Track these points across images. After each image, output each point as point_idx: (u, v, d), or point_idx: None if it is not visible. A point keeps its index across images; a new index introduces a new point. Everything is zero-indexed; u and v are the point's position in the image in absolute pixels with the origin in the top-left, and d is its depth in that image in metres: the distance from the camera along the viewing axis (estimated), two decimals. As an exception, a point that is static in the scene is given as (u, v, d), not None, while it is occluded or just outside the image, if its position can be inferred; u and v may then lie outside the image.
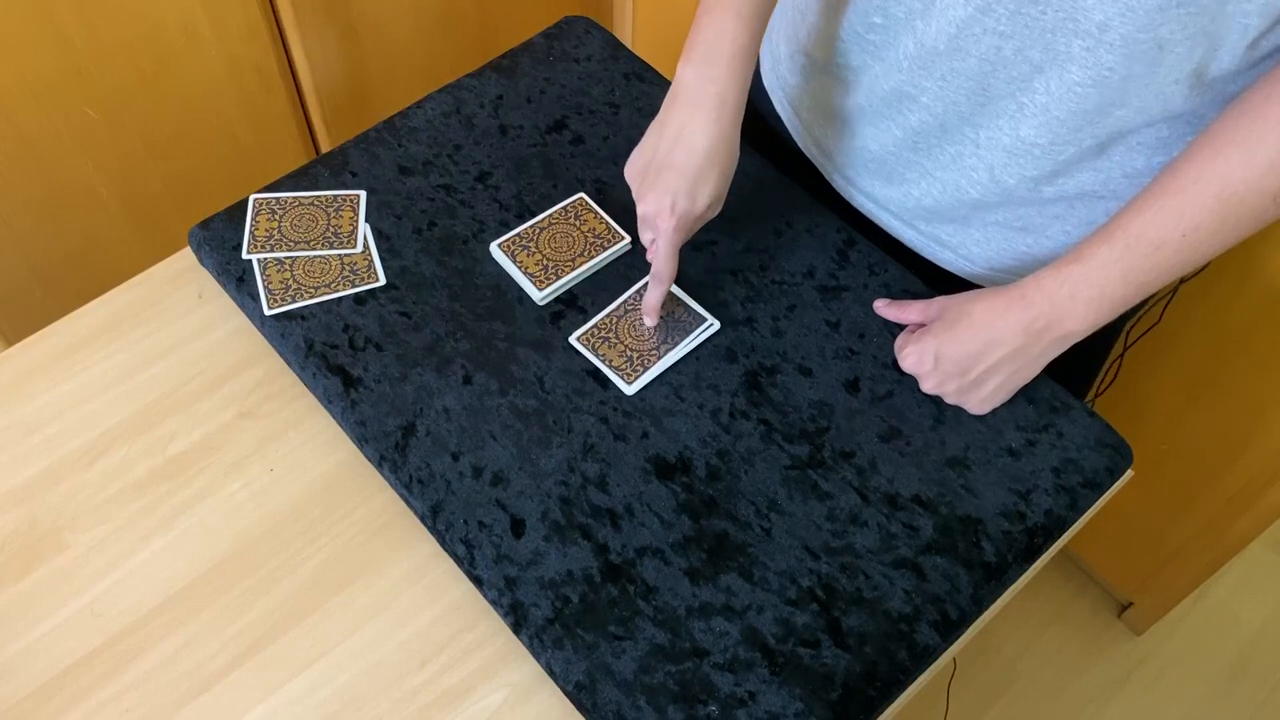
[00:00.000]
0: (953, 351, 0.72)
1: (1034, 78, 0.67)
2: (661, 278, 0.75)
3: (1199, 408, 1.21)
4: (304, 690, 0.67)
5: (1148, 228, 0.65)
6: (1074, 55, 0.64)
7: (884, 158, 0.81)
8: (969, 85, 0.70)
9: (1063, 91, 0.67)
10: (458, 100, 0.92)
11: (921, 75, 0.72)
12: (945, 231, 0.82)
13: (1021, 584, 0.72)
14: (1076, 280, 0.68)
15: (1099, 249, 0.67)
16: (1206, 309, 1.13)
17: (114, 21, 1.12)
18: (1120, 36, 0.62)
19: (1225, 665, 1.50)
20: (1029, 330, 0.69)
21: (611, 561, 0.68)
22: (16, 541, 0.72)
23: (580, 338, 0.78)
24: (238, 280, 0.81)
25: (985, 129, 0.72)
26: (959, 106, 0.72)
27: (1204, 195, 0.63)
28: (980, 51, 0.67)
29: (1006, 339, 0.70)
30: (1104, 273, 0.67)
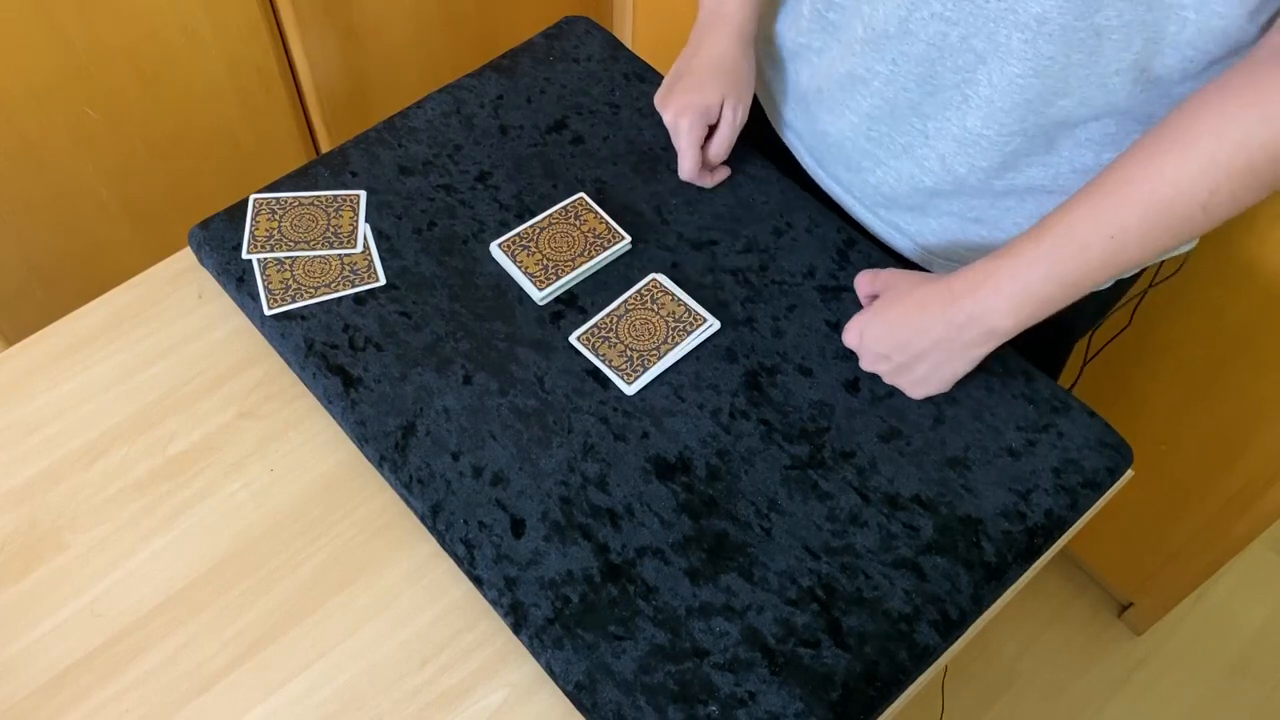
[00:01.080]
0: (879, 334, 0.73)
1: (977, 68, 0.68)
2: (688, 172, 0.85)
3: (1199, 408, 1.21)
4: (304, 690, 0.67)
5: (1075, 227, 0.65)
6: (1014, 48, 0.66)
7: (843, 143, 0.82)
8: (918, 71, 0.71)
9: (1004, 83, 0.68)
10: (458, 100, 0.92)
11: (873, 58, 0.73)
12: (904, 219, 0.83)
13: (1021, 584, 0.72)
14: (1001, 275, 0.67)
15: (1026, 246, 0.67)
16: (1206, 309, 1.13)
17: (114, 22, 1.12)
18: (1059, 27, 0.63)
19: (1225, 665, 1.50)
20: (951, 322, 0.69)
21: (611, 561, 0.68)
22: (16, 541, 0.72)
23: (580, 338, 0.78)
24: (238, 280, 0.81)
25: (934, 119, 0.74)
26: (909, 94, 0.73)
27: (1133, 198, 0.63)
28: (928, 36, 0.69)
29: (930, 329, 0.71)
30: (1029, 270, 0.66)
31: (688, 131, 0.82)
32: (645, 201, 0.86)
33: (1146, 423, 1.27)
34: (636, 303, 0.80)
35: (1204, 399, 1.20)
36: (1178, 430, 1.25)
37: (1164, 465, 1.29)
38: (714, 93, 0.81)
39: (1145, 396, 1.25)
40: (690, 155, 0.83)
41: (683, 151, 0.84)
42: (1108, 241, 0.64)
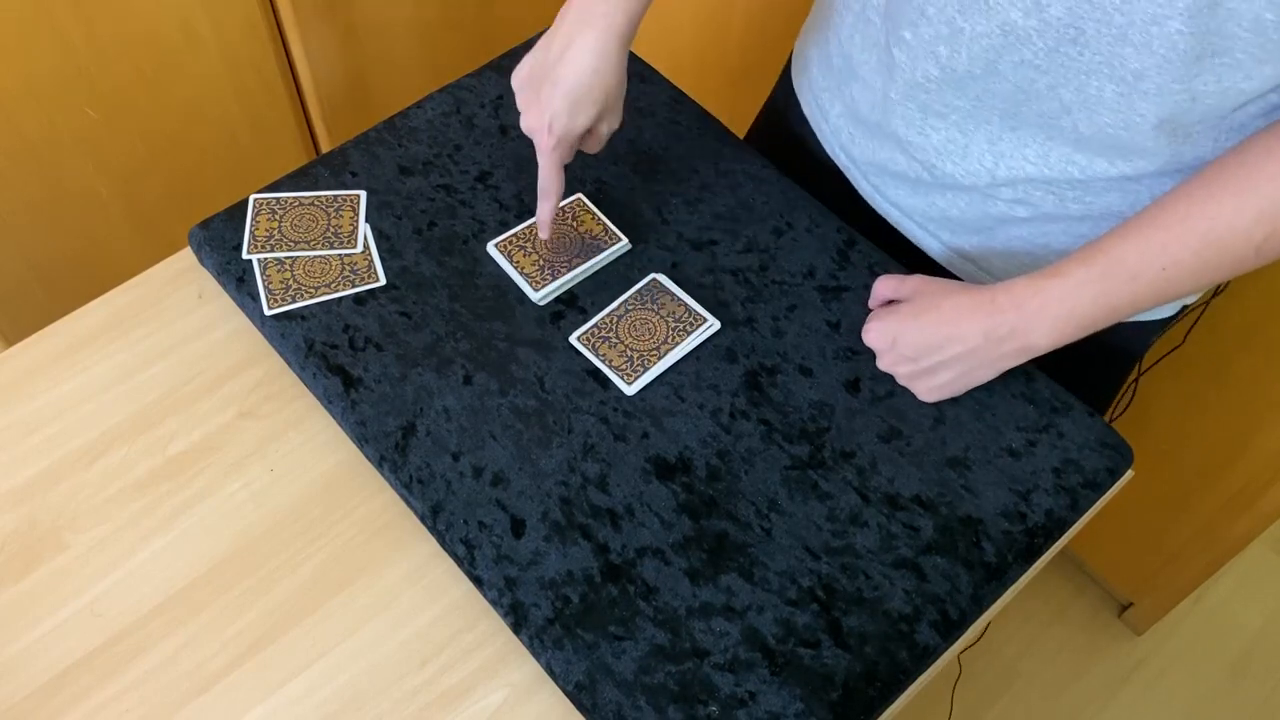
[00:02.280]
0: (912, 338, 0.72)
1: (1062, 116, 0.67)
2: (548, 193, 0.76)
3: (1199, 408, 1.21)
4: (304, 690, 0.67)
5: (1129, 256, 0.65)
6: (1105, 100, 0.65)
7: (906, 172, 0.80)
8: (1001, 107, 0.70)
9: (1093, 132, 0.67)
10: (458, 100, 0.92)
11: (952, 94, 0.71)
12: (969, 243, 0.82)
13: (1022, 584, 0.72)
14: (1049, 295, 0.67)
15: (1077, 269, 0.66)
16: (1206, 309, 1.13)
17: (114, 22, 1.12)
18: (1155, 86, 0.62)
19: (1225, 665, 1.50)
20: (990, 335, 0.69)
21: (611, 561, 0.68)
22: (16, 541, 0.72)
23: (580, 338, 0.78)
24: (238, 280, 0.81)
25: (1008, 158, 0.73)
26: (990, 126, 0.72)
27: (1190, 235, 0.63)
28: (1016, 79, 0.67)
29: (966, 338, 0.70)
30: (1078, 292, 0.66)
31: (557, 154, 0.74)
32: (645, 201, 0.86)
33: (1147, 423, 1.27)
34: (636, 303, 0.80)
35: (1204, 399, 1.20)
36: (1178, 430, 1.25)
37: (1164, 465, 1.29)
38: (584, 116, 0.72)
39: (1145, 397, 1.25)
40: (556, 180, 0.75)
41: (548, 175, 0.75)
42: (1159, 273, 0.64)
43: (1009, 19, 0.64)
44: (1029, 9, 0.63)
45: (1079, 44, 0.63)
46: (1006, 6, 0.64)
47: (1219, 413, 1.19)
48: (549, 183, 0.76)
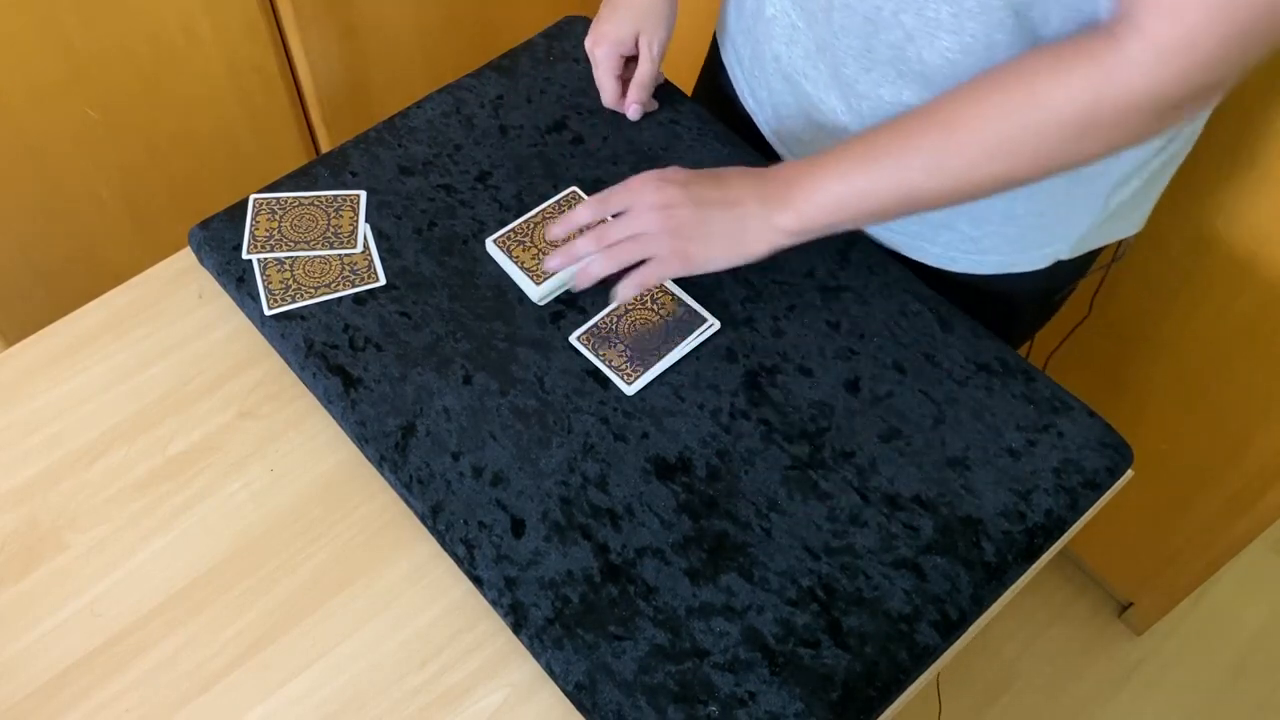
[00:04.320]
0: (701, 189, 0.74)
1: (908, 45, 0.70)
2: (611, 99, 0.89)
3: (1199, 408, 1.21)
4: (304, 690, 0.67)
5: (881, 139, 0.69)
6: (942, 21, 0.67)
7: (797, 115, 0.84)
8: (857, 45, 0.73)
9: (935, 58, 0.69)
10: (458, 100, 0.92)
11: (825, 29, 0.75)
12: None
13: (1021, 584, 0.72)
14: (809, 167, 0.71)
15: (840, 147, 0.70)
16: (1207, 309, 1.13)
17: (114, 22, 1.12)
18: (978, 4, 0.65)
19: (1225, 665, 1.50)
20: (762, 199, 0.72)
21: (611, 561, 0.68)
22: (16, 541, 0.72)
23: (580, 338, 0.78)
24: (238, 280, 0.81)
25: (868, 99, 0.75)
26: (848, 68, 0.75)
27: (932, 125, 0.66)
28: (864, 9, 0.70)
29: (741, 199, 0.73)
30: (831, 166, 0.70)
31: (602, 60, 0.88)
32: (645, 201, 0.86)
33: (1146, 423, 1.27)
34: (636, 303, 0.80)
35: (1204, 399, 1.20)
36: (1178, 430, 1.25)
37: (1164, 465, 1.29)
38: (627, 25, 0.86)
39: (1145, 396, 1.25)
40: (607, 84, 0.89)
41: (600, 81, 0.89)
42: (898, 161, 0.68)
43: None
44: None
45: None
46: None
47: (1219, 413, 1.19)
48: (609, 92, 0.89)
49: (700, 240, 0.73)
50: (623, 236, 0.74)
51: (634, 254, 0.74)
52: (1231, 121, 0.97)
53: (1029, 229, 0.80)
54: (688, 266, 0.73)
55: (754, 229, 0.72)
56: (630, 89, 0.88)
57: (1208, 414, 1.21)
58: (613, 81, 0.88)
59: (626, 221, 0.74)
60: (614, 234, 0.74)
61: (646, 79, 0.88)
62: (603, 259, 0.74)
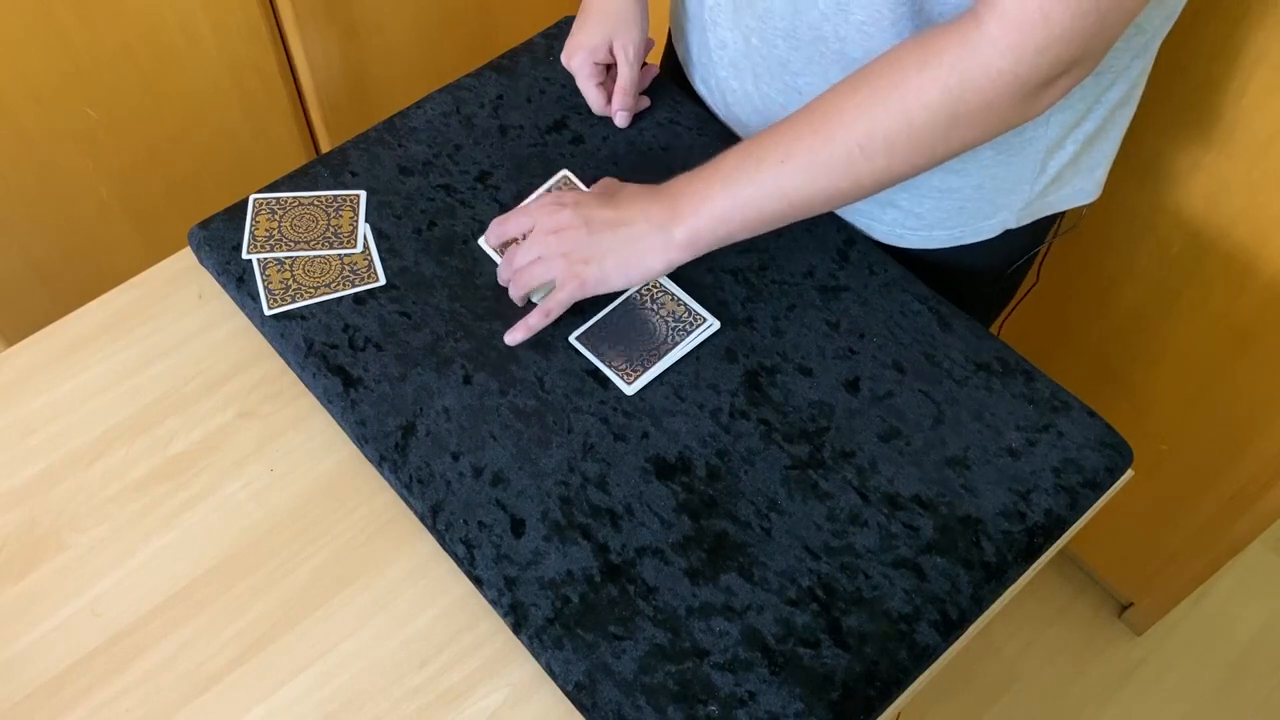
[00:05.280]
0: (591, 210, 0.74)
1: (823, 24, 0.71)
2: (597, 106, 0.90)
3: (1199, 408, 1.21)
4: (304, 690, 0.67)
5: (759, 144, 0.69)
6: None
7: (742, 100, 0.85)
8: (783, 26, 0.74)
9: (852, 32, 0.70)
10: (458, 100, 0.92)
11: (749, 14, 0.76)
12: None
13: (1021, 584, 0.72)
14: (694, 182, 0.71)
15: (724, 156, 0.70)
16: (1207, 309, 1.13)
17: (114, 22, 1.12)
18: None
19: (1225, 665, 1.50)
20: (650, 218, 0.72)
21: (611, 561, 0.68)
22: (16, 541, 0.72)
23: (580, 337, 0.78)
24: (238, 280, 0.81)
25: (803, 76, 0.76)
26: (777, 50, 0.76)
27: (805, 125, 0.67)
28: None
29: (632, 219, 0.73)
30: (711, 176, 0.70)
31: (578, 70, 0.89)
32: (645, 201, 0.86)
33: (1146, 423, 1.27)
34: (636, 303, 0.80)
35: (1204, 399, 1.20)
36: (1178, 430, 1.25)
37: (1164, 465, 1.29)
38: (598, 33, 0.87)
39: (1145, 396, 1.25)
40: (590, 93, 0.89)
41: (583, 90, 0.90)
42: (777, 165, 0.67)
43: None
44: None
45: None
46: None
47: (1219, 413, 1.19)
48: (593, 100, 0.89)
49: (594, 261, 0.74)
50: (525, 261, 0.76)
51: (538, 277, 0.76)
52: (1232, 121, 0.97)
53: (969, 200, 0.81)
54: (583, 289, 0.75)
55: (646, 246, 0.73)
56: (613, 96, 0.89)
57: (1208, 414, 1.21)
58: (594, 90, 0.89)
59: (526, 246, 0.76)
60: (518, 259, 0.76)
61: (627, 84, 0.88)
62: (514, 286, 0.77)
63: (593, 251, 0.74)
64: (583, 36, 0.88)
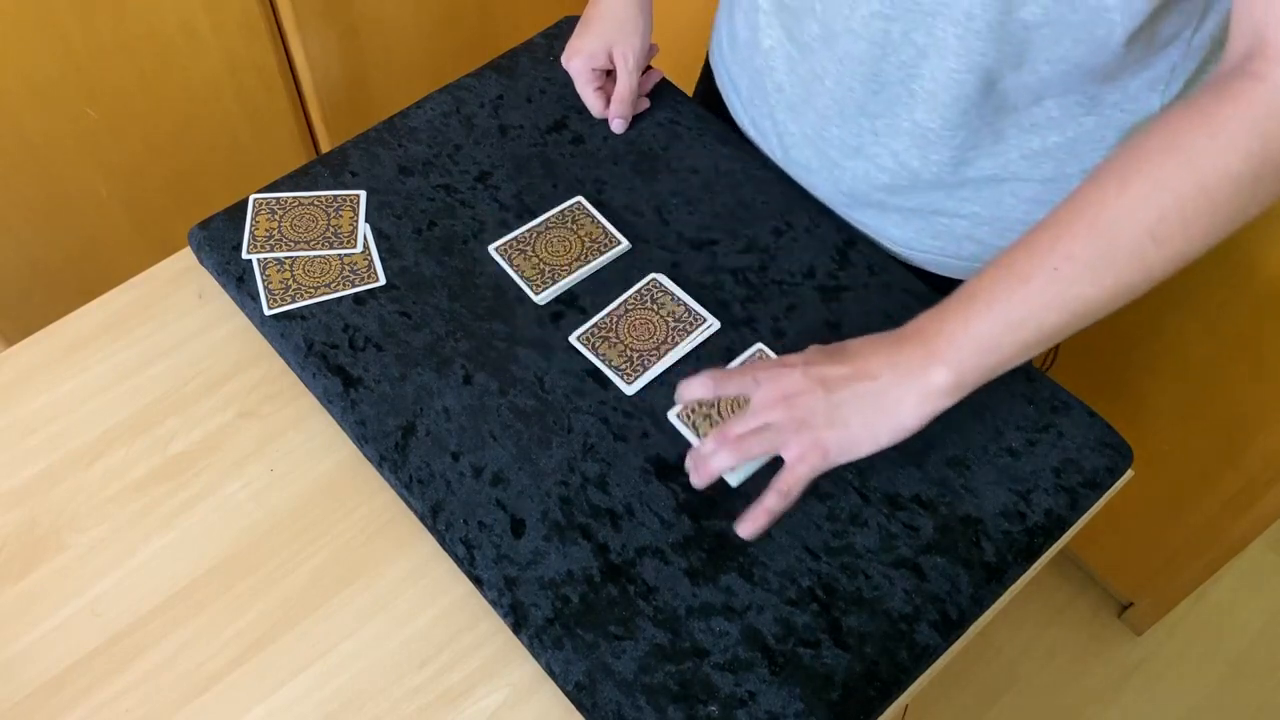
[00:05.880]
0: (822, 367, 0.66)
1: (920, 64, 0.70)
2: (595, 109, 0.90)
3: (1199, 408, 1.21)
4: (304, 690, 0.67)
5: (1018, 259, 0.62)
6: (949, 43, 0.67)
7: (803, 144, 0.84)
8: (862, 70, 0.72)
9: (945, 78, 0.69)
10: (458, 100, 0.92)
11: (826, 55, 0.74)
12: (867, 216, 0.84)
13: (1021, 584, 0.72)
14: (947, 317, 0.63)
15: (970, 283, 0.63)
16: (1206, 310, 1.13)
17: (114, 21, 1.12)
18: (985, 24, 0.64)
19: (1225, 665, 1.50)
20: (896, 367, 0.64)
21: (611, 561, 0.68)
22: (16, 541, 0.72)
23: (580, 337, 0.78)
24: (238, 280, 0.81)
25: (882, 117, 0.75)
26: (854, 94, 0.74)
27: (1075, 226, 0.60)
28: (869, 34, 0.70)
29: (872, 372, 0.65)
30: (969, 307, 0.63)
31: (577, 75, 0.89)
32: (645, 201, 0.86)
33: (1146, 423, 1.27)
34: (636, 303, 0.80)
35: (1204, 399, 1.20)
36: (1178, 430, 1.25)
37: (1164, 465, 1.29)
38: (598, 40, 0.87)
39: (1145, 396, 1.25)
40: (589, 98, 0.90)
41: (582, 95, 0.90)
42: (1051, 274, 0.60)
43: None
44: None
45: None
46: None
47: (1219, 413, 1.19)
48: (592, 104, 0.90)
49: (837, 426, 0.65)
50: (746, 431, 0.66)
51: (762, 448, 0.66)
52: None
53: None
54: (826, 459, 0.65)
55: (897, 398, 0.64)
56: (611, 104, 0.89)
57: (1208, 414, 1.21)
58: (593, 95, 0.89)
59: (749, 416, 0.66)
60: (737, 429, 0.66)
61: (625, 93, 0.88)
62: (727, 453, 0.67)
63: (834, 415, 0.65)
64: (582, 41, 0.88)
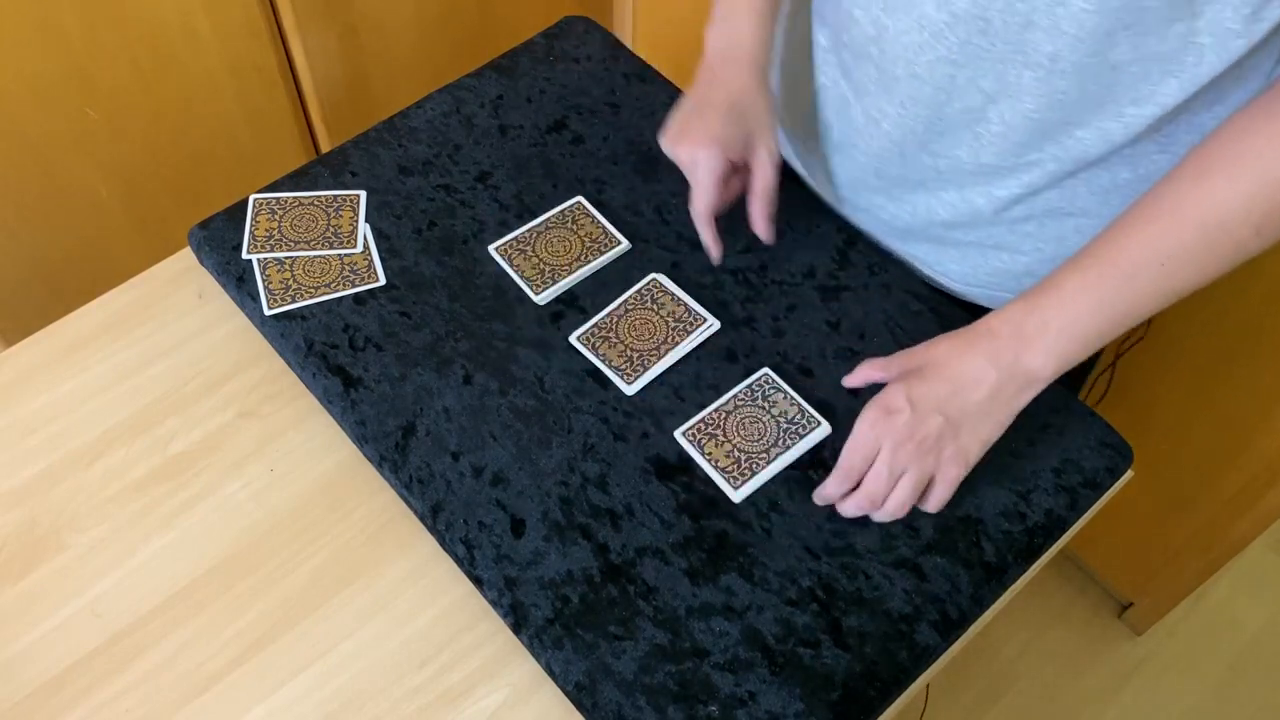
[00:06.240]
0: (925, 392, 0.66)
1: (988, 107, 0.67)
2: (707, 215, 0.76)
3: (1199, 408, 1.21)
4: (304, 690, 0.67)
5: (1123, 254, 0.62)
6: (1025, 86, 0.64)
7: (853, 181, 0.81)
8: (925, 113, 0.70)
9: (1017, 120, 0.67)
10: (458, 100, 0.92)
11: (884, 99, 0.72)
12: (921, 250, 0.82)
13: (1021, 584, 0.72)
14: (1046, 308, 0.64)
15: (1071, 276, 0.64)
16: (1207, 309, 1.13)
17: (114, 21, 1.12)
18: (1071, 65, 0.62)
19: (1225, 665, 1.50)
20: (998, 363, 0.65)
21: (611, 561, 0.68)
22: (16, 541, 0.72)
23: (580, 337, 0.78)
24: (238, 280, 0.81)
25: (944, 158, 0.73)
26: (916, 135, 0.72)
27: (1184, 222, 0.61)
28: (935, 80, 0.68)
29: (976, 375, 0.65)
30: (1075, 301, 0.63)
31: (705, 162, 0.73)
32: (645, 201, 0.86)
33: (1147, 423, 1.27)
34: (636, 303, 0.80)
35: (1204, 399, 1.20)
36: (1178, 431, 1.25)
37: (1164, 465, 1.29)
38: (736, 128, 0.73)
39: (1146, 396, 1.25)
40: (710, 191, 0.74)
41: (700, 185, 0.74)
42: (1158, 269, 0.61)
43: (924, 12, 0.65)
44: (940, 2, 0.64)
45: (988, 35, 0.63)
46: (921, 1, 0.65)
47: (1219, 413, 1.19)
48: (709, 200, 0.75)
49: (963, 435, 0.66)
50: (889, 487, 0.67)
51: (911, 492, 0.67)
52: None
53: None
54: (965, 466, 0.68)
55: (1008, 394, 0.66)
56: (755, 203, 0.76)
57: (1208, 414, 1.21)
58: (715, 191, 0.75)
59: (883, 473, 0.67)
60: (880, 489, 0.67)
61: (772, 188, 0.75)
62: (886, 511, 0.68)
63: (959, 430, 0.66)
64: (716, 127, 0.73)
